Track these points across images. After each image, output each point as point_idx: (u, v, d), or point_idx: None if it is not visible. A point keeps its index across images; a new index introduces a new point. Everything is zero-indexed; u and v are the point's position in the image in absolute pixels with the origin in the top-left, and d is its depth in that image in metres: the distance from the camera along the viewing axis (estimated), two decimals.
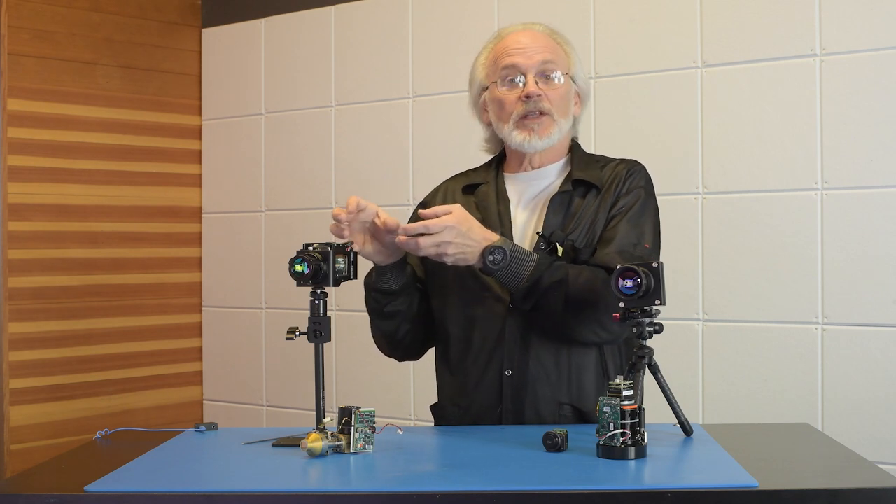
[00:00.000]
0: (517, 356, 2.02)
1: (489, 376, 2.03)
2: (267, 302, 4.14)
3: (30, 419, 3.79)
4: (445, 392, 2.13)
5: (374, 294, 2.07)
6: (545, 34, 2.12)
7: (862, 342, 2.97)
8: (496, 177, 2.14)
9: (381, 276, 2.04)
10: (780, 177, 3.10)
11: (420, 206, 2.19)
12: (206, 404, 4.33)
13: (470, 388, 2.06)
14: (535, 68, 2.06)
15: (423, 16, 3.80)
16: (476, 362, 2.05)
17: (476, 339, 2.05)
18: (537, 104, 2.05)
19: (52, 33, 3.90)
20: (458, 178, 2.22)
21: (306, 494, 1.51)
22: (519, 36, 2.10)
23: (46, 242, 3.88)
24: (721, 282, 3.19)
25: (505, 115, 2.07)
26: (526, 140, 2.06)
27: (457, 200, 2.12)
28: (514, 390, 2.02)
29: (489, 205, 2.09)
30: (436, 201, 2.17)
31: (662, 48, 3.30)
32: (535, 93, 2.04)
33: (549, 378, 2.02)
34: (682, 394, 2.35)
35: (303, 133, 4.07)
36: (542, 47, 2.08)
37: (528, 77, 2.05)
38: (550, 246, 2.00)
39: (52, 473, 1.73)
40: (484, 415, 2.04)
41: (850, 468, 1.69)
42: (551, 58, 2.07)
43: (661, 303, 1.77)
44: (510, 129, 2.07)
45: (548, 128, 2.06)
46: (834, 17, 3.02)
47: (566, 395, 2.01)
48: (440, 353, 2.16)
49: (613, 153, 3.29)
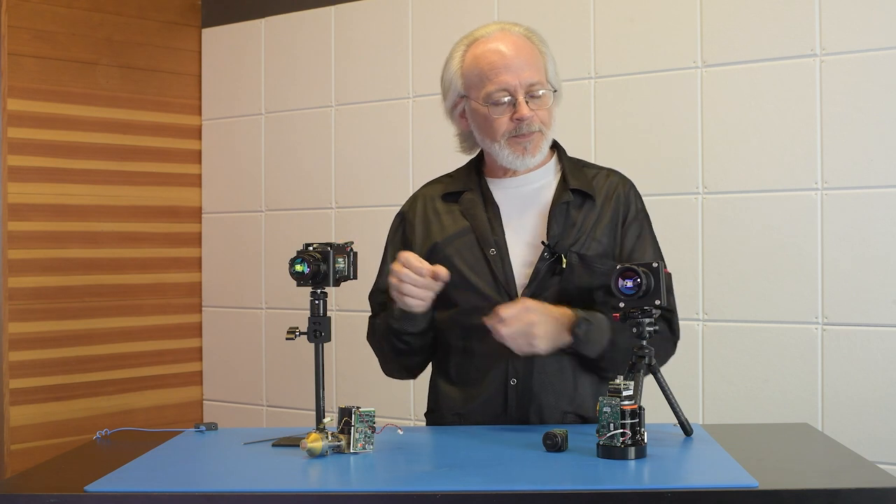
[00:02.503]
0: (522, 366, 2.01)
1: (493, 386, 2.02)
2: (267, 302, 4.14)
3: (30, 419, 3.78)
4: (444, 401, 2.10)
5: (405, 338, 2.06)
6: (524, 37, 2.06)
7: (862, 342, 2.97)
8: (479, 183, 2.12)
9: (410, 320, 2.02)
10: (780, 177, 3.10)
11: (397, 217, 2.18)
12: (206, 404, 4.33)
13: (472, 397, 2.04)
14: (524, 88, 2.01)
15: (423, 16, 3.80)
16: (479, 372, 2.03)
17: (478, 348, 2.03)
18: (530, 125, 2.02)
19: (52, 33, 3.90)
20: (434, 186, 2.18)
21: (306, 494, 1.51)
22: (498, 44, 2.04)
23: (46, 242, 3.87)
24: (721, 282, 3.19)
25: (493, 134, 2.04)
26: (519, 159, 2.04)
27: (437, 209, 2.11)
28: (520, 399, 2.01)
29: (477, 213, 2.07)
30: (415, 211, 2.14)
31: (662, 48, 3.30)
32: (528, 116, 2.01)
33: (553, 387, 2.02)
34: (682, 394, 2.36)
35: (303, 133, 4.07)
36: (527, 60, 2.03)
37: (519, 98, 2.01)
38: (555, 256, 2.00)
39: (52, 473, 1.73)
40: (485, 424, 2.02)
41: (850, 468, 1.69)
42: (537, 78, 2.03)
43: (662, 303, 1.78)
44: (500, 148, 2.04)
45: (538, 144, 2.05)
46: (834, 17, 3.02)
47: (569, 404, 2.01)
48: (437, 362, 2.14)
49: (613, 153, 3.31)
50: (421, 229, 2.12)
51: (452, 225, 2.09)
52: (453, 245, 2.07)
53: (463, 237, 2.07)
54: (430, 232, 2.10)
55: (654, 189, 3.23)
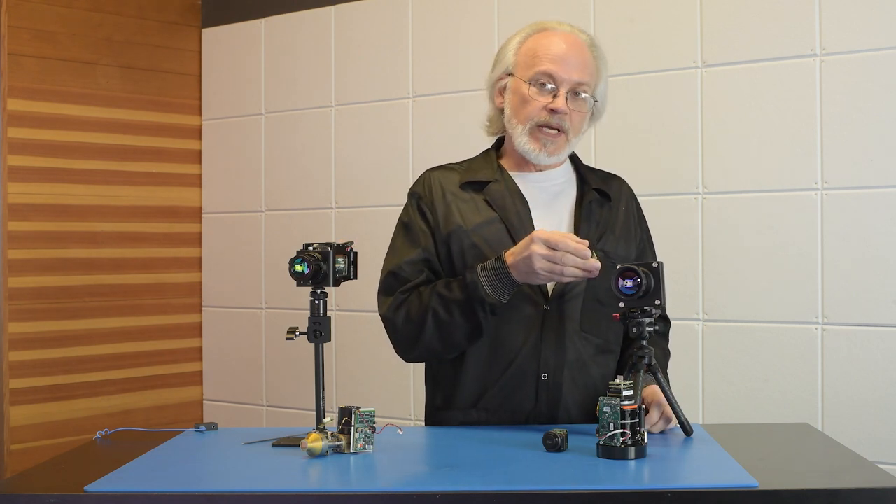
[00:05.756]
0: (553, 360, 2.01)
1: (524, 380, 2.01)
2: (267, 302, 4.14)
3: (30, 419, 3.78)
4: (460, 396, 2.05)
5: (484, 314, 1.95)
6: (586, 46, 2.10)
7: (862, 342, 2.97)
8: (503, 175, 2.12)
9: (508, 292, 1.94)
10: (780, 177, 3.10)
11: (413, 197, 2.13)
12: (206, 404, 4.33)
13: (499, 390, 2.02)
14: (570, 84, 2.04)
15: (423, 16, 3.80)
16: (510, 365, 2.01)
17: (508, 341, 2.01)
18: (561, 121, 2.05)
19: (52, 33, 3.90)
20: (447, 172, 2.15)
21: (306, 494, 1.51)
22: (561, 39, 2.07)
23: (46, 242, 3.87)
24: (721, 282, 3.19)
25: (523, 116, 2.06)
26: (534, 151, 2.06)
27: (456, 194, 2.09)
28: (550, 394, 2.01)
29: (506, 204, 2.06)
30: (432, 192, 2.10)
31: (662, 48, 3.30)
32: (563, 110, 2.04)
33: (577, 383, 2.02)
34: (682, 394, 2.36)
35: (303, 133, 4.07)
36: (581, 63, 2.06)
37: (561, 91, 2.04)
38: None
39: (52, 473, 1.73)
40: (510, 419, 2.01)
41: (850, 468, 1.69)
42: (587, 80, 2.06)
43: (661, 303, 1.78)
44: (522, 133, 2.06)
45: (560, 147, 2.07)
46: (834, 17, 3.02)
47: (593, 401, 2.01)
48: (455, 356, 2.06)
49: (614, 153, 3.31)
50: (442, 210, 2.08)
51: (475, 213, 2.07)
52: (480, 234, 2.04)
53: (490, 226, 2.05)
54: (450, 215, 2.07)
55: (654, 189, 3.23)
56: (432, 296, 1.99)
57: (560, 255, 1.84)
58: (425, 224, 2.08)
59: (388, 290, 2.07)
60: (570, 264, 1.85)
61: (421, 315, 1.99)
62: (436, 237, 2.07)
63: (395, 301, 2.04)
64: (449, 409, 2.08)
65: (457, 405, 2.06)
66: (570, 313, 2.02)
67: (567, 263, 1.85)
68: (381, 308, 2.07)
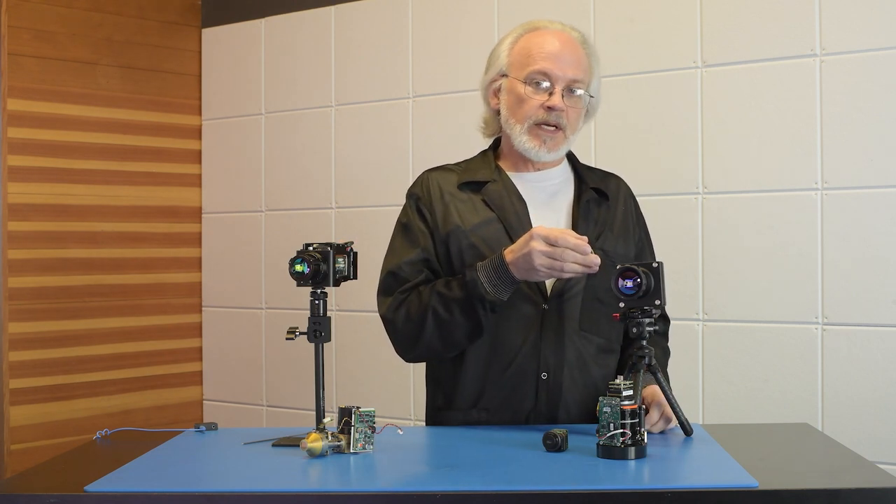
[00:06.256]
0: (552, 359, 2.01)
1: (524, 379, 2.01)
2: (267, 302, 4.14)
3: (30, 419, 3.78)
4: (460, 396, 2.05)
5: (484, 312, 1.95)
6: (578, 43, 2.11)
7: (862, 342, 2.97)
8: (501, 175, 2.12)
9: (509, 290, 1.94)
10: (780, 177, 3.10)
11: (411, 198, 2.14)
12: (206, 404, 4.33)
13: (499, 390, 2.02)
14: (565, 81, 2.06)
15: (423, 16, 3.80)
16: (510, 365, 2.01)
17: (508, 341, 2.01)
18: (558, 118, 2.06)
19: (52, 33, 3.90)
20: (444, 173, 2.15)
21: (306, 494, 1.51)
22: (554, 37, 2.08)
23: (46, 242, 3.87)
24: (721, 282, 3.19)
25: (521, 116, 2.07)
26: (535, 149, 2.07)
27: (453, 194, 2.10)
28: (550, 393, 2.01)
29: (505, 204, 2.07)
30: (430, 192, 2.11)
31: (662, 48, 3.30)
32: (560, 107, 2.05)
33: (577, 382, 2.03)
34: (682, 394, 2.36)
35: (303, 133, 4.07)
36: (575, 60, 2.07)
37: (556, 89, 2.05)
38: None
39: (52, 473, 1.73)
40: (510, 418, 2.01)
41: (850, 468, 1.69)
42: (582, 76, 2.08)
43: (661, 303, 1.78)
44: (521, 132, 2.07)
45: (559, 143, 2.08)
46: (834, 17, 3.02)
47: (593, 400, 2.01)
48: (455, 356, 2.06)
49: (613, 153, 3.31)
50: (441, 211, 2.09)
51: (473, 213, 2.07)
52: (478, 234, 2.05)
53: (489, 226, 2.05)
54: (448, 216, 2.08)
55: (654, 189, 3.23)
56: (432, 295, 1.99)
57: (560, 251, 1.85)
58: (424, 224, 2.09)
59: (388, 291, 2.07)
60: (569, 260, 1.85)
61: (421, 314, 1.99)
62: (434, 237, 2.08)
63: (394, 301, 2.04)
64: (450, 409, 2.08)
65: (457, 405, 2.07)
66: (570, 312, 2.02)
67: (567, 259, 1.85)
68: (380, 308, 2.08)
